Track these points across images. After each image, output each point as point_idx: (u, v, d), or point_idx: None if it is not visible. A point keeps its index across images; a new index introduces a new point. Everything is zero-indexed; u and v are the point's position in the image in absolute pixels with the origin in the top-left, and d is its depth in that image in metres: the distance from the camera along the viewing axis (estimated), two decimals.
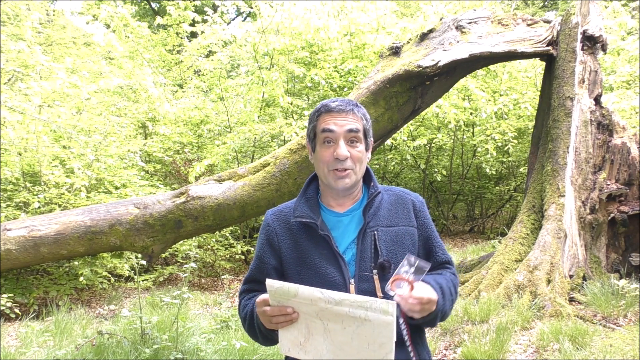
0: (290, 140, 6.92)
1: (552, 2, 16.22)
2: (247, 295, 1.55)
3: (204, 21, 9.44)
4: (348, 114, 1.46)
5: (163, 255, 6.26)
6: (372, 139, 1.55)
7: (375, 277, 1.40)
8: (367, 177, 1.57)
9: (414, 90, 5.19)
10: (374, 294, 1.38)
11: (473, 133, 9.91)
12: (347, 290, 1.39)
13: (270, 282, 1.28)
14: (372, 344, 1.21)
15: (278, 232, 1.53)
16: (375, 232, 1.45)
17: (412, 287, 1.28)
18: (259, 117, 8.41)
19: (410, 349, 1.40)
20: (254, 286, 1.55)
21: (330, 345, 1.26)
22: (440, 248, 1.54)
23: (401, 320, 1.38)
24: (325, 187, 1.52)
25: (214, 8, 12.45)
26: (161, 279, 6.64)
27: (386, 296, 1.36)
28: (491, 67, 8.58)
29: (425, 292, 1.30)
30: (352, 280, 1.41)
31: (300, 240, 1.48)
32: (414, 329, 1.44)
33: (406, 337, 1.39)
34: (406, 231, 1.48)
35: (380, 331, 1.19)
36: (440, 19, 5.71)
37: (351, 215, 1.50)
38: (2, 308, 4.73)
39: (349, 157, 1.44)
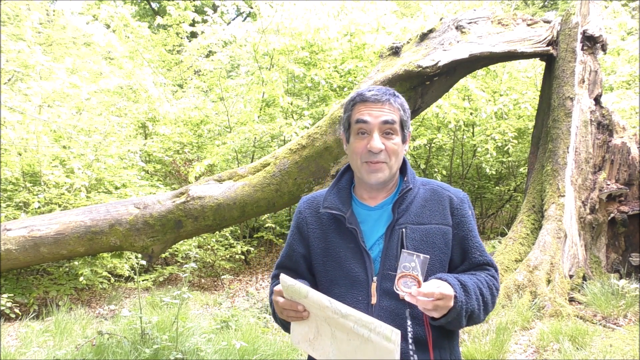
0: (290, 140, 6.92)
1: (552, 2, 16.22)
2: (276, 281, 1.52)
3: (204, 21, 9.43)
4: (384, 104, 1.39)
5: (163, 255, 6.26)
6: (409, 130, 1.48)
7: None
8: (403, 169, 1.50)
9: (414, 90, 5.19)
10: (396, 294, 1.32)
11: (473, 133, 9.91)
12: (368, 288, 1.35)
13: (283, 278, 1.28)
14: None
15: (309, 220, 1.49)
16: (404, 229, 1.37)
17: (420, 284, 1.23)
18: (259, 117, 8.41)
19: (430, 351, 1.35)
20: (283, 272, 1.52)
21: (337, 351, 1.26)
22: (478, 249, 1.43)
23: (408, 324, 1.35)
24: (359, 180, 1.47)
25: (214, 8, 12.45)
26: (161, 279, 6.64)
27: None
28: (491, 67, 8.57)
29: (436, 287, 1.23)
30: (375, 278, 1.36)
31: (329, 231, 1.44)
32: (441, 332, 1.37)
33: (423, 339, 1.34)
34: (438, 230, 1.40)
35: (381, 355, 1.17)
36: (440, 19, 5.71)
37: (382, 210, 1.44)
38: (2, 308, 4.73)
39: (383, 149, 1.37)
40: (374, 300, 1.34)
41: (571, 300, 4.41)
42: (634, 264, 4.74)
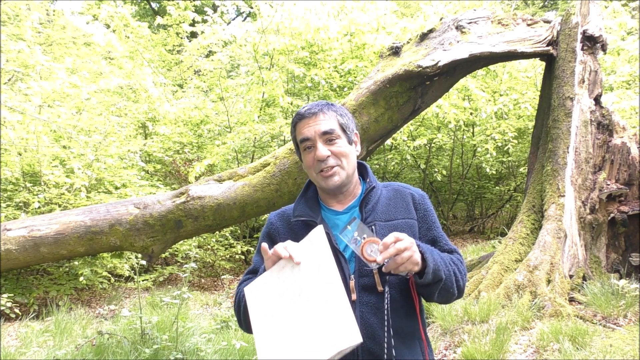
0: (290, 140, 6.90)
1: (552, 2, 16.22)
2: (246, 283, 1.55)
3: (204, 21, 9.44)
4: (318, 116, 1.48)
5: (163, 255, 6.26)
6: (354, 131, 1.55)
7: (375, 272, 1.40)
8: (365, 174, 1.59)
9: (414, 90, 5.19)
10: (374, 288, 1.40)
11: (473, 133, 9.92)
12: (347, 286, 1.39)
13: (320, 229, 1.31)
14: (306, 351, 1.20)
15: (280, 231, 1.55)
16: (374, 226, 1.45)
17: (378, 242, 1.27)
18: (259, 117, 8.41)
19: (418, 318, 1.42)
20: (256, 277, 1.55)
21: (276, 320, 1.27)
22: (444, 238, 1.54)
23: (384, 298, 1.38)
24: (321, 189, 1.54)
25: (214, 8, 12.46)
26: (161, 279, 6.65)
27: (384, 289, 1.39)
28: (491, 67, 8.57)
29: (390, 235, 1.26)
30: (352, 276, 1.41)
31: (302, 238, 1.48)
32: (414, 322, 1.44)
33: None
34: (405, 224, 1.48)
35: (322, 345, 1.17)
36: (440, 19, 5.71)
37: (350, 212, 1.51)
38: (2, 308, 4.73)
39: (329, 155, 1.46)
40: (354, 296, 1.39)
41: (571, 300, 4.41)
42: (634, 264, 4.74)
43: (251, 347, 3.70)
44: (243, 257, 7.56)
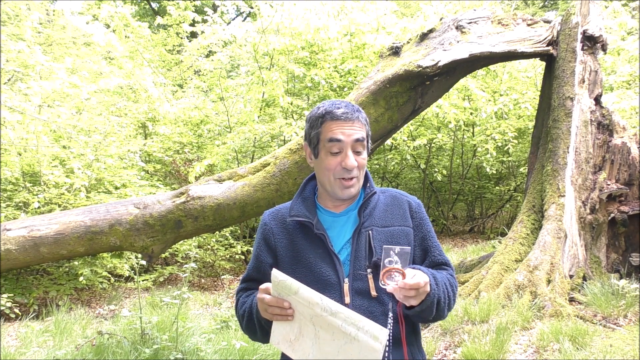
0: (290, 140, 6.92)
1: (552, 2, 16.23)
2: (244, 293, 1.56)
3: (204, 21, 9.44)
4: (354, 122, 1.45)
5: (163, 255, 6.26)
6: (370, 141, 1.55)
7: (370, 277, 1.40)
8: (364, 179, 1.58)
9: (414, 90, 5.19)
10: (368, 293, 1.40)
11: (473, 133, 9.92)
12: (340, 289, 1.40)
13: (275, 273, 1.28)
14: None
15: (274, 231, 1.53)
16: (370, 231, 1.45)
17: (404, 275, 1.28)
18: (259, 117, 8.41)
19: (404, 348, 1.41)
20: (251, 285, 1.56)
21: (318, 352, 1.26)
22: (437, 249, 1.54)
23: (390, 316, 1.39)
24: (325, 192, 1.52)
25: (214, 8, 12.47)
26: (161, 279, 6.64)
27: (380, 295, 1.39)
28: (491, 67, 8.58)
29: (418, 277, 1.28)
30: (346, 280, 1.41)
31: (296, 239, 1.49)
32: (409, 328, 1.45)
33: (396, 334, 1.40)
34: (401, 231, 1.48)
35: (365, 354, 1.18)
36: (440, 19, 5.71)
37: (347, 216, 1.51)
38: (2, 308, 4.73)
39: (356, 166, 1.44)
40: (347, 300, 1.39)
41: (571, 300, 4.41)
42: (634, 264, 4.74)
43: (251, 347, 3.70)
44: (243, 257, 7.56)
